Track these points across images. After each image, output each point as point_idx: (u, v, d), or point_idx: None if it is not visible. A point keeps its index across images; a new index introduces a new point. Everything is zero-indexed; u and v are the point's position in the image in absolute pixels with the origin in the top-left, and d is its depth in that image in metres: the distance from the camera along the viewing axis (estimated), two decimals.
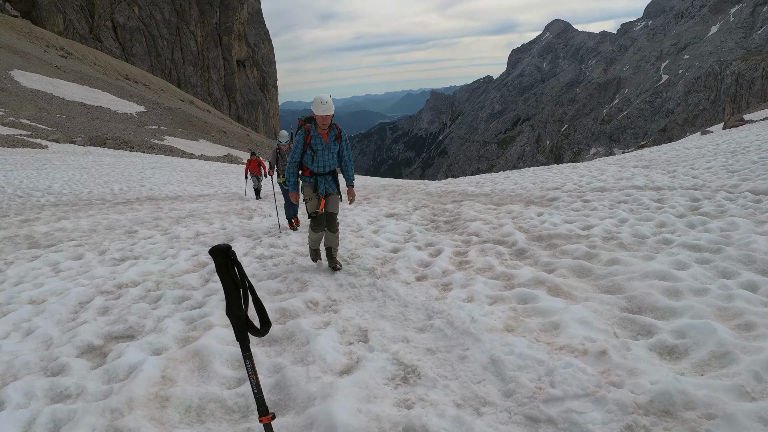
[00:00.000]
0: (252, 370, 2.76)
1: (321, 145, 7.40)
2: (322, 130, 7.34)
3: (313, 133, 7.36)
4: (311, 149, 7.41)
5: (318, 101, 7.08)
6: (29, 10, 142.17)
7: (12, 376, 4.75)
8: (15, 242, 11.19)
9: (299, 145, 7.46)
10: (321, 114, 7.10)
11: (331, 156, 7.53)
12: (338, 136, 7.50)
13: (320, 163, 7.50)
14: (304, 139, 7.41)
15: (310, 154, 7.46)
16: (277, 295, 6.93)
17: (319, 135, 7.34)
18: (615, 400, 3.55)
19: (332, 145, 7.46)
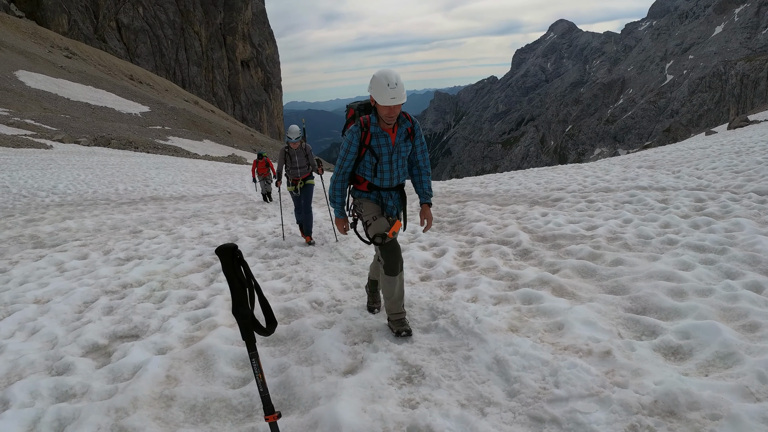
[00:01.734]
0: (258, 368, 2.77)
1: (387, 147, 5.10)
2: (387, 125, 5.05)
3: (374, 129, 5.06)
4: (372, 154, 5.10)
5: (382, 81, 4.67)
6: (34, 10, 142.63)
7: (17, 375, 4.77)
8: (20, 242, 11.22)
9: (352, 148, 5.12)
10: (388, 103, 4.73)
11: (402, 163, 5.27)
12: (410, 133, 5.23)
13: (386, 174, 5.21)
14: (359, 138, 5.09)
15: (370, 162, 5.16)
16: (281, 294, 6.95)
17: (384, 132, 5.06)
18: (619, 400, 3.55)
19: (402, 146, 5.17)
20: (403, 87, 4.76)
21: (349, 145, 5.14)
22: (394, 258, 5.16)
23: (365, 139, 5.10)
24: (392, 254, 5.17)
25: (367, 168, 5.22)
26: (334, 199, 5.37)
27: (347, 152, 5.16)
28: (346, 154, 5.17)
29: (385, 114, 4.87)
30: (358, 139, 5.11)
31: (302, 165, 10.77)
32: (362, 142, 5.11)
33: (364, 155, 5.17)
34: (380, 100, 4.77)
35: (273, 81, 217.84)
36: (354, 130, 5.10)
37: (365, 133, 5.10)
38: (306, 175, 10.86)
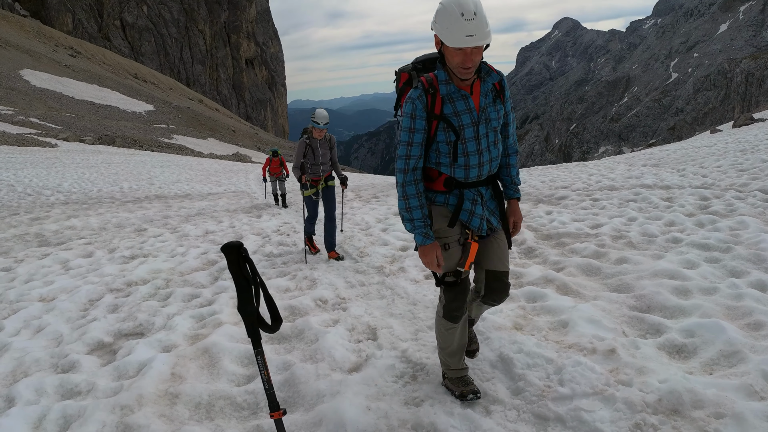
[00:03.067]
0: (263, 366, 2.78)
1: (470, 115, 3.45)
2: (463, 81, 3.39)
3: (445, 89, 3.43)
4: (449, 127, 3.45)
5: (452, 8, 3.08)
6: (38, 9, 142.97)
7: (23, 373, 4.78)
8: (25, 240, 11.25)
9: (417, 123, 3.46)
10: (463, 44, 3.11)
11: (494, 138, 3.59)
12: (499, 91, 3.59)
13: (473, 158, 3.52)
14: (425, 105, 3.42)
15: (446, 142, 3.49)
16: (286, 292, 6.96)
17: (462, 92, 3.43)
18: (623, 398, 3.55)
19: (492, 111, 3.53)
20: (486, 20, 3.13)
21: (413, 121, 3.42)
22: (459, 301, 3.70)
23: (434, 107, 3.41)
24: (460, 295, 3.69)
25: (443, 152, 3.50)
26: (408, 213, 3.51)
27: (412, 132, 3.44)
28: (411, 135, 3.45)
29: (458, 63, 3.20)
30: (423, 108, 3.40)
31: (326, 161, 8.93)
32: (431, 112, 3.41)
33: (435, 132, 3.47)
34: (450, 40, 3.11)
35: (277, 79, 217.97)
36: (414, 96, 3.41)
37: (432, 97, 3.40)
38: (328, 173, 9.02)
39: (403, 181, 3.51)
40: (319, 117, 8.64)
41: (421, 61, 3.90)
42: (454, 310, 3.71)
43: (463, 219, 3.60)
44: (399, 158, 3.54)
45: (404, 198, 3.52)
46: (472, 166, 3.52)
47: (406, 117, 3.48)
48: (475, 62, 3.22)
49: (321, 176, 8.94)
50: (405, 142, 3.49)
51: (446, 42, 3.16)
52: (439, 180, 3.62)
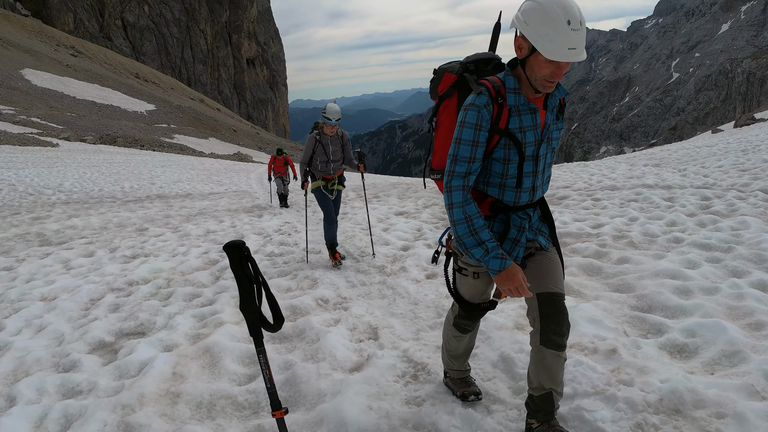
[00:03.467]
0: (265, 365, 2.78)
1: (534, 133, 3.01)
2: (536, 95, 2.97)
3: (514, 100, 2.95)
4: (513, 145, 2.98)
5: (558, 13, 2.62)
6: (40, 9, 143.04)
7: (24, 372, 4.78)
8: (26, 240, 11.26)
9: (480, 136, 2.94)
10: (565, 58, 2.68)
11: (551, 159, 3.22)
12: (562, 106, 3.19)
13: (528, 180, 3.10)
14: (491, 116, 2.93)
15: (503, 162, 3.02)
16: (287, 292, 6.96)
17: (532, 106, 2.97)
18: (625, 398, 3.54)
19: (554, 130, 3.12)
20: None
21: (477, 133, 2.89)
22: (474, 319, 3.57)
23: (499, 120, 2.91)
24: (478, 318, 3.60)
25: (494, 172, 3.04)
26: (475, 237, 2.93)
27: (475, 146, 2.91)
28: (474, 150, 2.91)
29: (545, 75, 2.75)
30: (489, 120, 2.89)
31: (337, 158, 8.38)
32: (494, 125, 2.91)
33: (493, 149, 2.98)
34: (549, 51, 2.62)
35: (278, 79, 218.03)
36: (481, 104, 2.86)
37: (499, 108, 2.90)
38: (341, 172, 8.58)
39: (462, 200, 2.96)
40: (331, 112, 8.08)
41: (473, 61, 3.24)
42: (466, 325, 3.59)
43: (505, 248, 3.11)
44: (456, 175, 2.96)
45: (466, 220, 2.94)
46: (525, 189, 3.08)
47: (468, 128, 2.90)
48: (561, 76, 2.80)
49: (332, 174, 8.42)
50: (465, 159, 2.93)
51: (544, 52, 2.64)
52: (485, 203, 3.15)
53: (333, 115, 8.08)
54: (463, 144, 2.93)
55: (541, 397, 3.23)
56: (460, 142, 2.94)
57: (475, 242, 2.93)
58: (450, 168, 2.98)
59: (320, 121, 8.28)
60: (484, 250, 2.92)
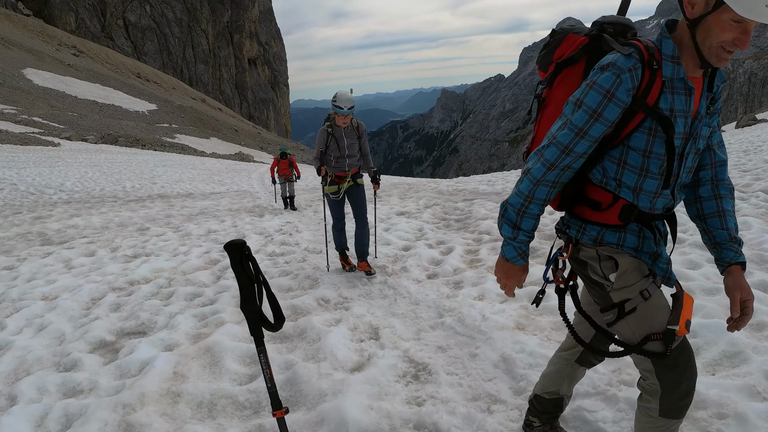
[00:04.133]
0: (266, 364, 2.78)
1: (684, 120, 2.23)
2: (699, 70, 2.23)
3: (671, 72, 2.18)
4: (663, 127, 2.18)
5: None
6: (41, 8, 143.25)
7: (25, 372, 4.78)
8: (28, 239, 11.26)
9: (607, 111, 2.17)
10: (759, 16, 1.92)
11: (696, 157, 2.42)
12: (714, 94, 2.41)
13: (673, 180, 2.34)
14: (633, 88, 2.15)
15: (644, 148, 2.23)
16: (288, 292, 6.96)
17: (689, 84, 2.21)
18: (626, 398, 3.54)
19: (706, 120, 2.35)
20: None
21: (605, 102, 2.16)
22: (688, 378, 2.40)
23: (648, 93, 2.17)
24: (685, 368, 2.40)
25: (632, 166, 2.28)
26: (518, 217, 2.42)
27: (594, 118, 2.19)
28: (591, 122, 2.20)
29: (728, 40, 2.06)
30: (630, 91, 2.15)
31: (353, 153, 7.52)
32: (638, 99, 2.17)
33: (631, 134, 2.24)
34: (743, 6, 1.94)
35: (280, 79, 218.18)
36: (625, 66, 2.13)
37: (651, 77, 2.17)
38: (356, 169, 7.66)
39: (541, 176, 2.30)
40: (342, 100, 7.07)
41: (611, 23, 2.45)
42: (685, 392, 2.40)
43: (646, 264, 2.43)
44: (552, 145, 2.26)
45: (527, 198, 2.35)
46: (665, 193, 2.34)
47: (595, 92, 2.16)
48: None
49: (347, 171, 7.55)
50: (576, 129, 2.21)
51: (737, 7, 1.93)
52: (613, 208, 2.37)
53: (345, 103, 7.08)
54: (583, 110, 2.19)
55: (552, 400, 3.12)
56: (580, 106, 2.20)
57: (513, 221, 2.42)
58: (554, 132, 2.29)
59: (332, 111, 7.36)
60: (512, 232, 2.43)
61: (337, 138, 7.33)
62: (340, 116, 7.16)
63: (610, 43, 2.33)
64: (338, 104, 7.03)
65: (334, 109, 7.12)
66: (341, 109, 7.04)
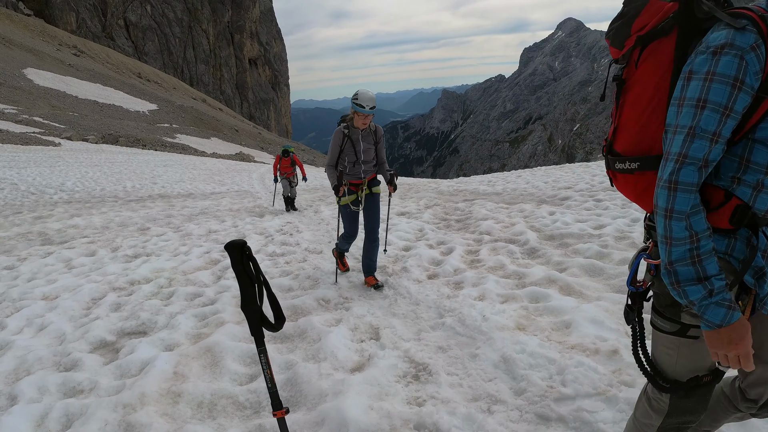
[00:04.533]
0: (266, 364, 2.78)
1: None
2: None
3: None
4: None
5: None
6: (42, 8, 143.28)
7: (25, 371, 4.78)
8: (28, 239, 11.26)
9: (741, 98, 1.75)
10: None
11: None
12: None
13: None
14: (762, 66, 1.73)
15: None
16: (288, 292, 6.95)
17: None
18: (626, 399, 3.54)
19: None
20: None
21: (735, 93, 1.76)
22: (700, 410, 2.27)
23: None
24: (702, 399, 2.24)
25: (755, 165, 1.90)
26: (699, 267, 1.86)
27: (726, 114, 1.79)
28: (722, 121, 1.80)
29: None
30: (756, 76, 1.76)
31: (368, 158, 6.78)
32: (765, 84, 1.78)
33: (757, 126, 1.86)
34: None
35: (280, 79, 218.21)
36: (746, 45, 1.73)
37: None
38: (372, 175, 6.92)
39: (690, 207, 1.84)
40: (364, 99, 6.34)
41: None
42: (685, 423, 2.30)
43: (748, 282, 2.02)
44: (690, 163, 1.83)
45: (691, 240, 1.85)
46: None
47: (721, 84, 1.76)
48: None
49: (363, 178, 6.83)
50: (710, 134, 1.81)
51: None
52: (724, 208, 1.96)
53: (367, 102, 6.32)
54: (710, 109, 1.78)
55: None
56: (706, 106, 1.79)
57: (695, 275, 1.86)
58: (680, 149, 1.84)
59: (350, 111, 6.64)
60: (706, 289, 1.84)
61: (354, 141, 6.62)
62: (360, 116, 6.43)
63: (711, 11, 1.88)
64: (360, 102, 6.31)
65: (355, 108, 6.37)
66: (363, 109, 6.30)
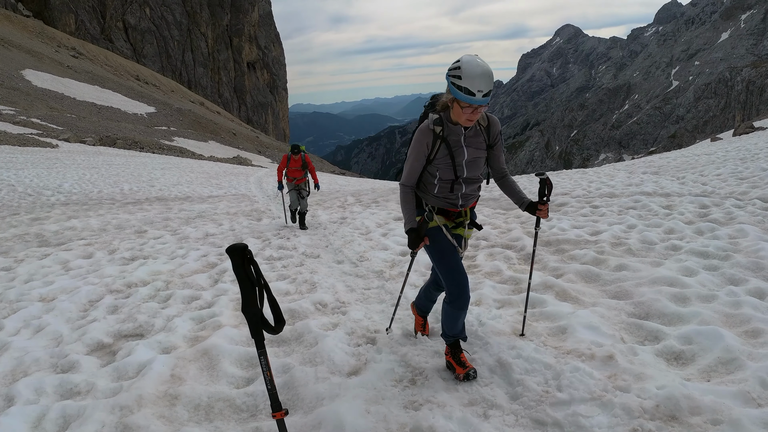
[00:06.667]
0: (266, 366, 2.79)
1: None
2: None
3: None
4: None
5: None
6: (41, 10, 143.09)
7: (22, 372, 4.79)
8: (25, 240, 11.26)
9: None
10: None
11: None
12: None
13: None
14: None
15: None
16: (286, 296, 6.96)
17: None
18: (621, 404, 3.56)
19: None
20: None
21: None
22: None
23: None
24: None
25: None
26: None
27: None
28: None
29: None
30: None
31: (474, 175, 4.24)
32: None
33: None
34: None
35: (279, 83, 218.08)
36: None
37: None
38: (474, 203, 4.47)
39: None
40: (476, 76, 3.60)
41: None
42: None
43: None
44: None
45: None
46: None
47: None
48: None
49: (459, 208, 4.31)
50: None
51: None
52: None
53: (481, 84, 3.61)
54: None
55: None
56: None
57: None
58: None
59: (444, 97, 4.02)
60: None
61: (453, 147, 4.04)
62: (467, 109, 3.74)
63: None
64: (466, 85, 3.61)
65: (457, 95, 3.69)
66: (472, 97, 3.62)
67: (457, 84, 3.65)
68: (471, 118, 3.81)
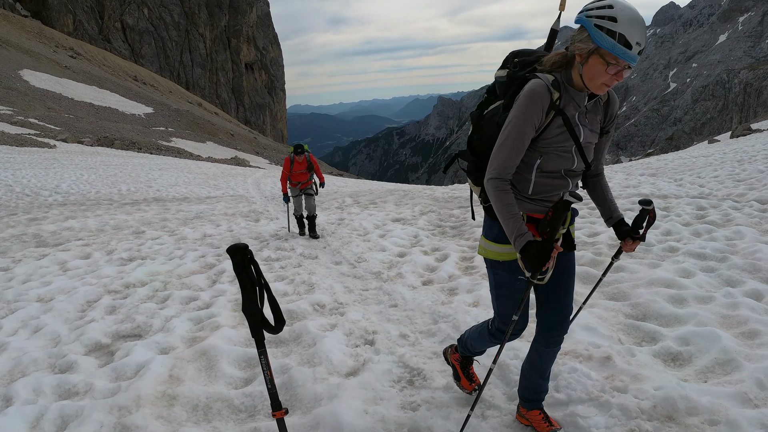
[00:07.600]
0: (266, 365, 2.80)
1: None
2: None
3: None
4: None
5: None
6: (39, 10, 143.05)
7: (20, 373, 4.79)
8: (23, 240, 11.25)
9: None
10: None
11: None
12: None
13: None
14: None
15: None
16: (284, 297, 6.96)
17: None
18: (619, 405, 3.58)
19: None
20: None
21: None
22: None
23: None
24: None
25: None
26: None
27: None
28: None
29: None
30: None
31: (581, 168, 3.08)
32: None
33: None
34: None
35: (277, 84, 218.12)
36: None
37: None
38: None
39: None
40: (637, 21, 2.56)
41: None
42: None
43: None
44: None
45: None
46: None
47: None
48: None
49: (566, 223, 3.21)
50: None
51: None
52: None
53: (642, 35, 2.61)
54: None
55: None
56: None
57: None
58: None
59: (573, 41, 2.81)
60: None
61: (570, 121, 2.90)
62: (613, 67, 2.66)
63: None
64: (624, 31, 2.58)
65: (607, 44, 2.61)
66: (629, 51, 2.61)
67: (607, 28, 2.57)
68: (610, 82, 2.71)
